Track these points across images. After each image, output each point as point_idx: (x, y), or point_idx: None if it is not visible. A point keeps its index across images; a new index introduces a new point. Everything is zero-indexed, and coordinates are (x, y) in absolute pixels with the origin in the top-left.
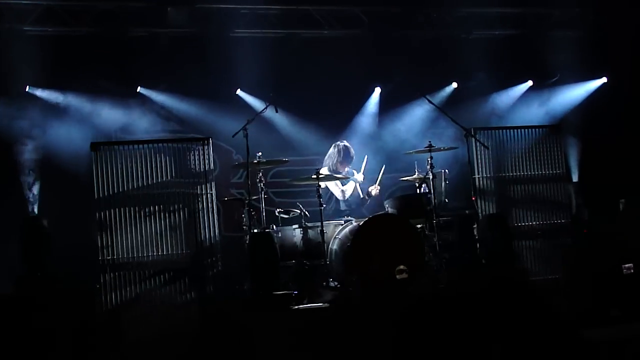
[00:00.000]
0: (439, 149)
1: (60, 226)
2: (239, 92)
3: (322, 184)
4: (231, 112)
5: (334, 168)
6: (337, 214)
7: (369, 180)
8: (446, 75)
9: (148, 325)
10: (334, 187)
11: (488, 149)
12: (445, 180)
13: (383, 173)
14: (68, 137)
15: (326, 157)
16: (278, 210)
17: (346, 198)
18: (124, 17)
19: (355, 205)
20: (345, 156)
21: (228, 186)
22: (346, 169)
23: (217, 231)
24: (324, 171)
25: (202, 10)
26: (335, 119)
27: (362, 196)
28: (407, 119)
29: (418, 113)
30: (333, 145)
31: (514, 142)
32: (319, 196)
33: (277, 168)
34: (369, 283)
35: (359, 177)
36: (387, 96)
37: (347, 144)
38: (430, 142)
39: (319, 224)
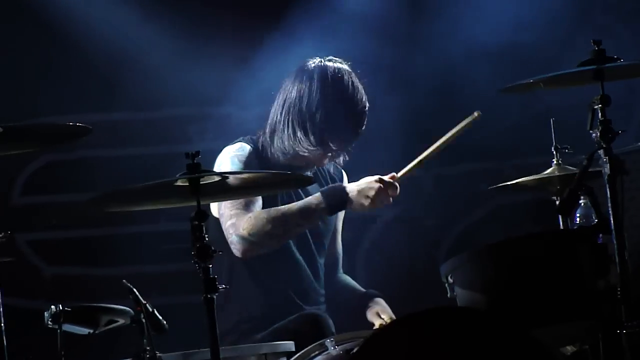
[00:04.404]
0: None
1: None
2: None
3: (216, 208)
4: None
5: (301, 147)
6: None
7: None
8: None
9: None
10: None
11: None
12: None
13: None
14: None
15: (274, 109)
16: (55, 309)
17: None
18: None
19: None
20: (344, 104)
21: None
22: (337, 159)
23: None
24: (225, 164)
25: None
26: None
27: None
28: None
29: None
30: (299, 71)
31: None
32: (201, 252)
33: (47, 157)
34: None
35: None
36: None
37: (342, 66)
38: (598, 48)
39: (205, 352)
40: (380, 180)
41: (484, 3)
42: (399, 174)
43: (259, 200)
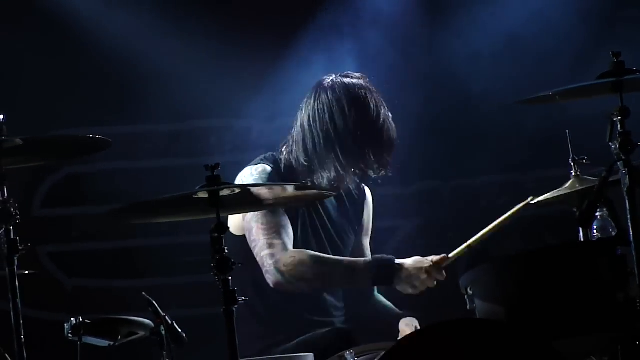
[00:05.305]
0: None
1: None
2: None
3: (238, 225)
4: None
5: (346, 166)
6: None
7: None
8: None
9: None
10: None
11: None
12: None
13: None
14: None
15: (299, 123)
16: (75, 321)
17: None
18: None
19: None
20: (372, 131)
21: None
22: (365, 171)
23: None
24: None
25: None
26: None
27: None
28: None
29: None
30: (320, 88)
31: None
32: (221, 264)
33: (68, 170)
34: None
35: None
36: None
37: (361, 81)
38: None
39: None
40: (429, 270)
41: (503, 14)
42: (450, 255)
43: (288, 225)
